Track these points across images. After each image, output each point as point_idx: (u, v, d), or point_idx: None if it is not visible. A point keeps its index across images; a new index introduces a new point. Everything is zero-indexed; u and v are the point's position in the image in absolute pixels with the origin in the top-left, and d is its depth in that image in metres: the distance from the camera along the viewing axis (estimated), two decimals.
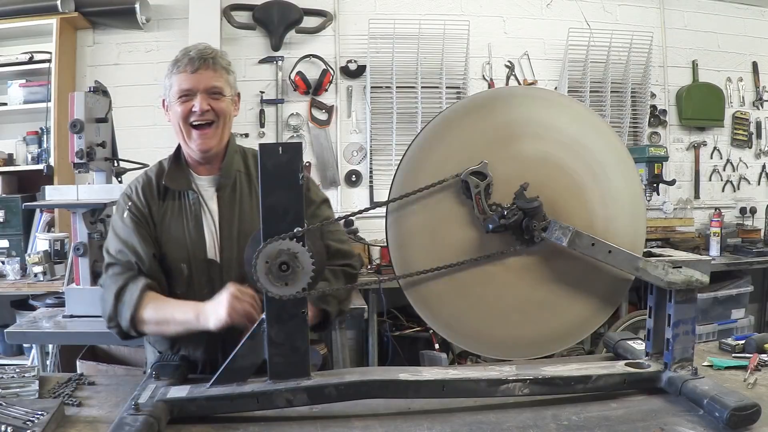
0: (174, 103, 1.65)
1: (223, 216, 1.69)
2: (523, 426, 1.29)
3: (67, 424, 1.31)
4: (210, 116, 1.64)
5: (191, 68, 1.62)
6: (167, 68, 1.67)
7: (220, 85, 1.66)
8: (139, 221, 1.66)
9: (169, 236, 1.67)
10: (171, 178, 1.70)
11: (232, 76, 1.72)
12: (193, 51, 1.64)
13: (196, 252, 1.66)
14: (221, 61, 1.67)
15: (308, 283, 1.29)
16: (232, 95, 1.71)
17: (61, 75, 3.87)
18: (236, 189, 1.71)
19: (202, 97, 1.63)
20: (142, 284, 1.57)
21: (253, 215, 1.65)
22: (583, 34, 4.40)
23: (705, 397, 1.30)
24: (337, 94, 4.35)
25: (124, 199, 1.72)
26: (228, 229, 1.68)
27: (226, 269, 1.66)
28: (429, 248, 1.41)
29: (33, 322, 2.60)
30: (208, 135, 1.66)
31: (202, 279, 1.66)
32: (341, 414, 1.34)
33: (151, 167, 1.78)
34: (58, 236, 3.57)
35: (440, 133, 1.42)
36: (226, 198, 1.70)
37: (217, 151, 1.70)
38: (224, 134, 1.71)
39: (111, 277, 1.62)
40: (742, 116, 4.82)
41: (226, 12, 4.13)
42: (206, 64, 1.63)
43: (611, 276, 1.46)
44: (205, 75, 1.63)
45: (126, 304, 1.56)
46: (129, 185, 1.76)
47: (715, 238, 4.09)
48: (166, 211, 1.69)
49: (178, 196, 1.70)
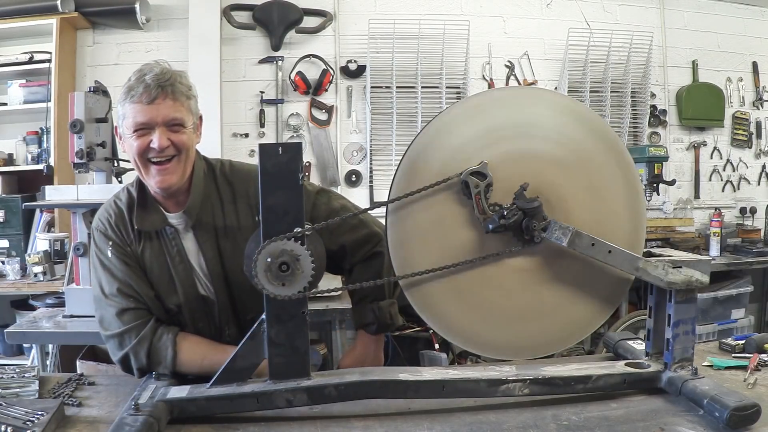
0: (129, 136, 1.47)
1: (206, 254, 1.58)
2: (523, 426, 1.29)
3: (67, 424, 1.31)
4: (170, 152, 1.48)
5: (147, 98, 1.43)
6: (120, 94, 1.48)
7: (180, 116, 1.48)
8: (128, 261, 1.55)
9: (156, 278, 1.56)
10: (142, 220, 1.55)
11: (194, 101, 1.54)
12: (149, 76, 1.44)
13: (187, 291, 1.57)
14: (180, 87, 1.49)
15: (304, 286, 1.29)
16: (194, 122, 1.54)
17: (61, 75, 3.87)
18: (211, 217, 1.58)
19: (160, 131, 1.45)
20: (173, 335, 1.50)
21: (235, 250, 1.55)
22: (583, 34, 4.40)
23: (705, 397, 1.30)
24: (337, 94, 4.35)
25: (100, 237, 1.57)
26: (214, 266, 1.58)
27: (221, 305, 1.60)
28: (429, 248, 1.41)
29: (33, 322, 2.60)
30: (169, 170, 1.49)
31: (196, 315, 1.59)
32: (341, 414, 1.34)
33: (119, 194, 1.62)
34: (58, 236, 3.57)
35: (440, 133, 1.41)
36: (204, 234, 1.58)
37: (180, 186, 1.54)
38: (187, 167, 1.54)
39: (126, 325, 1.51)
40: (742, 116, 4.82)
41: (226, 12, 4.13)
42: (164, 92, 1.44)
43: (611, 276, 1.46)
44: (164, 106, 1.45)
45: (163, 358, 1.49)
46: (98, 217, 1.60)
47: (715, 238, 4.09)
48: (144, 250, 1.56)
49: (155, 234, 1.57)
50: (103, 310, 1.56)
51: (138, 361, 1.51)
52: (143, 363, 1.50)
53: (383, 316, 1.74)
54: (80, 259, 2.53)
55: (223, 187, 1.62)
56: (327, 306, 2.81)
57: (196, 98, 1.57)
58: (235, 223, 1.60)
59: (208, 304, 1.61)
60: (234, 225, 1.60)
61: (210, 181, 1.62)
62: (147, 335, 1.50)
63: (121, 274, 1.55)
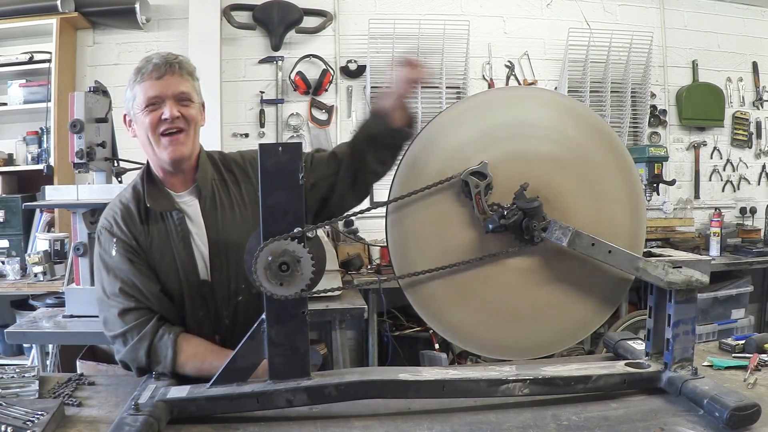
0: (140, 113, 1.54)
1: (210, 227, 1.60)
2: (523, 426, 1.29)
3: (67, 424, 1.31)
4: (180, 123, 1.54)
5: (157, 74, 1.52)
6: (129, 79, 1.56)
7: (188, 90, 1.56)
8: (133, 257, 1.56)
9: (160, 263, 1.57)
10: (153, 199, 1.59)
11: (198, 84, 1.62)
12: (156, 57, 1.54)
13: (188, 275, 1.58)
14: (187, 67, 1.58)
15: (302, 288, 1.29)
16: (199, 102, 1.62)
17: (61, 75, 3.88)
18: (215, 198, 1.63)
19: (171, 103, 1.52)
20: (174, 335, 1.51)
21: (236, 222, 1.61)
22: (583, 34, 4.40)
23: (705, 397, 1.30)
24: (337, 94, 4.35)
25: (105, 235, 1.59)
26: (217, 241, 1.60)
27: (218, 287, 1.61)
28: (429, 248, 1.41)
29: (33, 322, 2.60)
30: (180, 140, 1.55)
31: (195, 302, 1.60)
32: (341, 414, 1.34)
33: (123, 193, 1.66)
34: (58, 236, 3.57)
35: (440, 133, 1.41)
36: (209, 209, 1.62)
37: (189, 160, 1.60)
38: (195, 143, 1.61)
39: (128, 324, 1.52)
40: (742, 116, 4.82)
41: (226, 12, 4.13)
42: (172, 69, 1.53)
43: (611, 276, 1.46)
44: (172, 80, 1.53)
45: (163, 358, 1.49)
46: (104, 217, 1.63)
47: (715, 238, 4.09)
48: (152, 237, 1.58)
49: (161, 218, 1.59)
50: (106, 311, 1.57)
51: (138, 360, 1.51)
52: (142, 362, 1.50)
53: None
54: (80, 259, 2.53)
55: (226, 172, 1.69)
56: (327, 306, 2.81)
57: (199, 83, 1.63)
58: (240, 200, 1.66)
59: (208, 288, 1.61)
60: (239, 203, 1.65)
61: (211, 165, 1.68)
62: (148, 334, 1.51)
63: (124, 274, 1.55)
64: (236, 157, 1.74)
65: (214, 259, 1.60)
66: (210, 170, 1.66)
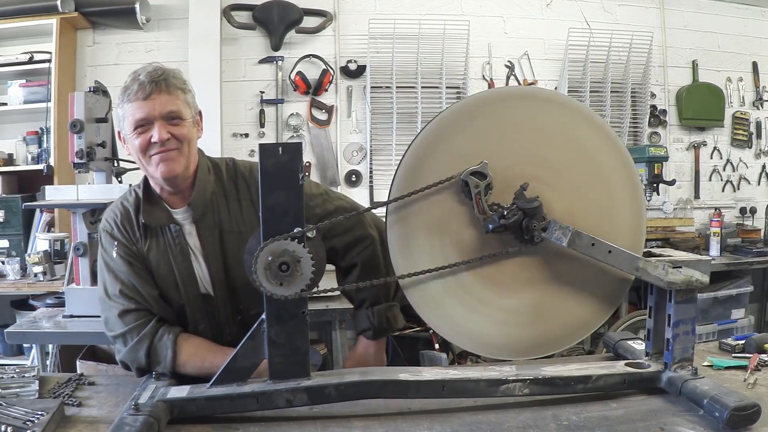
0: (130, 135, 1.51)
1: (207, 250, 1.59)
2: (523, 426, 1.29)
3: (67, 424, 1.31)
4: (171, 144, 1.51)
5: (143, 94, 1.47)
6: (117, 98, 1.53)
7: (177, 108, 1.51)
8: (132, 260, 1.57)
9: (158, 272, 1.58)
10: (149, 214, 1.58)
11: (190, 95, 1.57)
12: (142, 74, 1.49)
13: (188, 289, 1.59)
14: (175, 81, 1.52)
15: (302, 289, 1.29)
16: (192, 116, 1.57)
17: (61, 75, 3.87)
18: (215, 213, 1.60)
19: (159, 124, 1.48)
20: (173, 336, 1.51)
21: (233, 242, 1.58)
22: (583, 34, 4.40)
23: (705, 397, 1.30)
24: (337, 94, 4.35)
25: (106, 237, 1.60)
26: (215, 263, 1.59)
27: (222, 302, 1.61)
28: (429, 248, 1.41)
29: (33, 322, 2.60)
30: (171, 157, 1.51)
31: (197, 315, 1.60)
32: (341, 414, 1.34)
33: (126, 196, 1.65)
34: (58, 236, 3.57)
35: (440, 133, 1.41)
36: (207, 230, 1.59)
37: (185, 177, 1.57)
38: (190, 160, 1.57)
39: (129, 325, 1.53)
40: (742, 116, 4.82)
41: (226, 12, 4.13)
42: (159, 87, 1.48)
43: (611, 276, 1.46)
44: (160, 100, 1.48)
45: (163, 358, 1.50)
46: (105, 218, 1.63)
47: (715, 238, 4.09)
48: (150, 248, 1.58)
49: (160, 231, 1.59)
50: (107, 311, 1.57)
51: (137, 360, 1.51)
52: (142, 362, 1.51)
53: (380, 320, 1.73)
54: (80, 259, 2.53)
55: (229, 186, 1.65)
56: (327, 306, 2.81)
57: (193, 93, 1.59)
58: (240, 220, 1.62)
59: (209, 302, 1.61)
60: (238, 223, 1.62)
61: (215, 179, 1.64)
62: (147, 335, 1.52)
63: (124, 275, 1.56)
64: (245, 171, 1.68)
65: (214, 276, 1.60)
66: (209, 186, 1.62)
